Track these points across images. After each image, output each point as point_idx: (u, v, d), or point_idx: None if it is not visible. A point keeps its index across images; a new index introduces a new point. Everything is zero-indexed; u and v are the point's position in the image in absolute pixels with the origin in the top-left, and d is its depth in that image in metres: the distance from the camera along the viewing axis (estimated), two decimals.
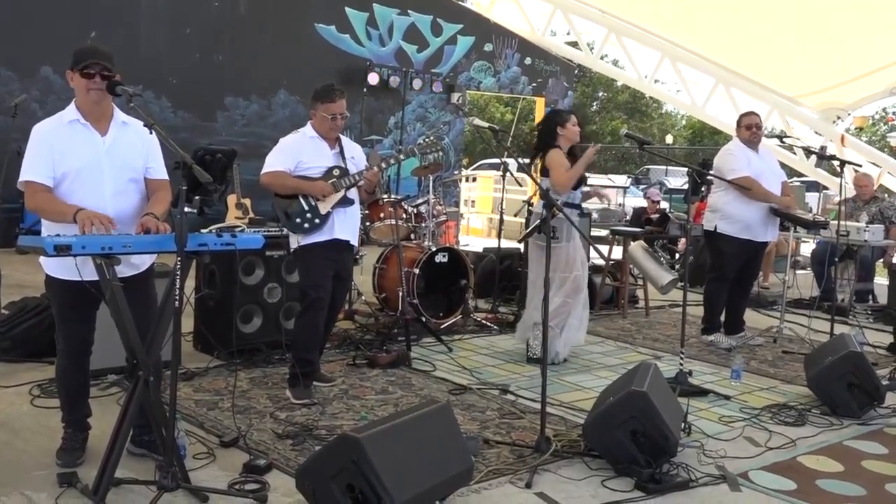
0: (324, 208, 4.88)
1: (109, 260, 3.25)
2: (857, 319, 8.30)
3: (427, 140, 5.48)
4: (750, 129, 6.85)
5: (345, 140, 5.10)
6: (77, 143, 3.55)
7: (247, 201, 10.08)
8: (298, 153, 4.88)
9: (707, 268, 7.29)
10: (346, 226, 4.96)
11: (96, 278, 3.32)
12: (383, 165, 5.14)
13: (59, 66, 7.89)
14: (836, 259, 7.83)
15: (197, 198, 6.77)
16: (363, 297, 7.52)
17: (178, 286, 3.21)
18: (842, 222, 7.42)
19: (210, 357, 5.59)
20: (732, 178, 6.55)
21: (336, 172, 4.92)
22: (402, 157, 5.44)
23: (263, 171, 4.88)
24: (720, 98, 14.01)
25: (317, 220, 4.86)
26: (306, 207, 4.86)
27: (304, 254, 4.90)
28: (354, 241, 5.07)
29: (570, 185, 5.87)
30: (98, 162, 3.56)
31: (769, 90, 13.53)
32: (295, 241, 4.92)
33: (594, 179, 6.26)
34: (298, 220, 4.86)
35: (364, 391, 5.14)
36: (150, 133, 3.34)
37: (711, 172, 6.38)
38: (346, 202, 4.94)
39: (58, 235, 3.21)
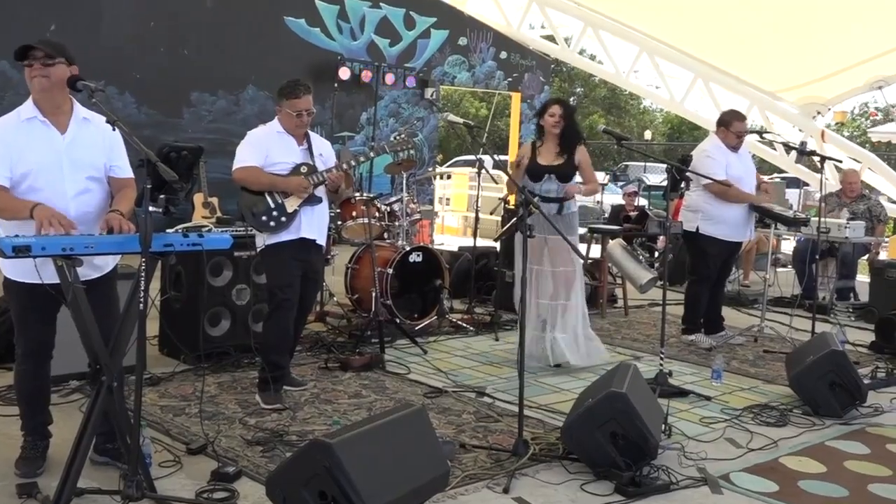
0: (290, 206, 4.85)
1: (71, 261, 3.21)
2: (839, 318, 8.39)
3: (399, 137, 5.48)
4: (740, 136, 6.87)
5: (314, 136, 5.08)
6: (35, 141, 3.50)
7: (214, 200, 10.01)
8: (267, 147, 4.87)
9: (688, 269, 7.33)
10: (313, 224, 4.94)
11: (57, 281, 3.28)
12: (353, 163, 5.13)
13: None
14: (817, 256, 7.90)
15: (162, 197, 6.67)
16: (335, 299, 7.50)
17: (142, 288, 3.18)
18: (823, 219, 7.49)
19: (176, 361, 5.55)
20: (707, 184, 6.59)
21: (303, 170, 4.90)
22: (371, 154, 5.44)
23: (235, 166, 4.85)
24: (699, 93, 14.09)
25: (283, 219, 4.83)
26: (272, 205, 4.84)
27: (271, 253, 4.88)
28: (322, 241, 5.06)
29: (511, 188, 5.88)
30: (57, 161, 3.51)
31: (748, 85, 13.63)
32: (261, 241, 4.90)
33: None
34: (264, 217, 4.83)
35: (336, 395, 5.12)
36: (114, 130, 3.31)
37: (690, 169, 6.41)
38: (313, 200, 4.93)
39: (16, 236, 3.17)
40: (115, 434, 3.57)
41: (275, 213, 4.84)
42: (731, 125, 6.87)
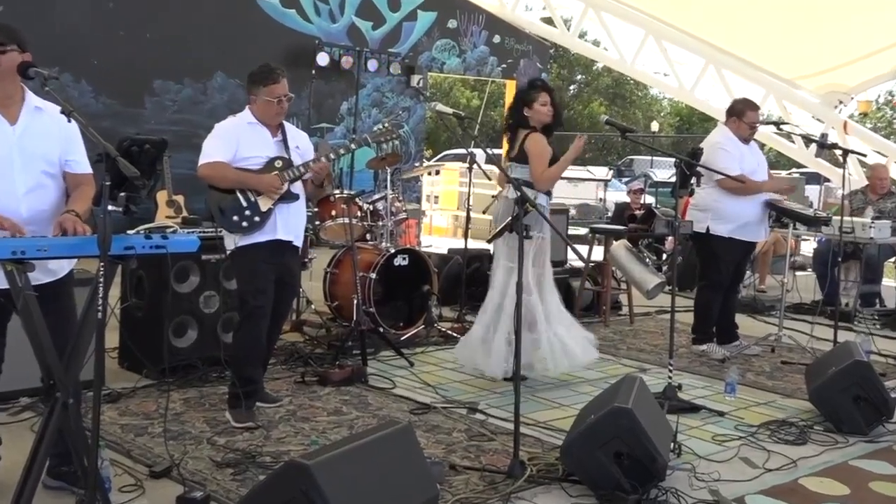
0: (264, 204, 4.85)
1: (22, 266, 3.19)
2: (863, 325, 8.42)
3: (382, 128, 5.48)
4: (753, 127, 6.90)
5: (288, 127, 5.08)
6: None
7: (179, 198, 10.00)
8: (237, 140, 4.86)
9: (698, 273, 7.35)
10: (289, 224, 4.94)
11: (6, 286, 3.26)
12: (332, 157, 5.13)
13: None
14: (840, 259, 7.93)
15: (122, 194, 6.66)
16: (313, 306, 7.49)
17: (100, 295, 3.17)
18: (846, 218, 7.52)
19: (138, 376, 5.54)
20: (720, 179, 6.60)
21: (278, 164, 4.90)
22: (353, 146, 5.43)
23: (201, 161, 4.85)
24: (710, 81, 14.14)
25: (256, 218, 4.83)
26: (244, 203, 4.83)
27: (242, 256, 4.87)
28: (299, 242, 5.06)
29: (551, 185, 5.87)
30: (7, 154, 3.50)
31: (764, 72, 13.68)
32: (231, 242, 4.89)
33: (569, 171, 6.24)
34: (235, 217, 4.82)
35: (314, 412, 5.12)
36: (69, 121, 3.29)
37: (701, 163, 6.42)
38: (289, 197, 4.92)
39: None
40: (70, 456, 3.55)
41: (247, 213, 4.83)
42: (745, 115, 6.89)
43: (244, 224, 4.83)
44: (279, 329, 5.36)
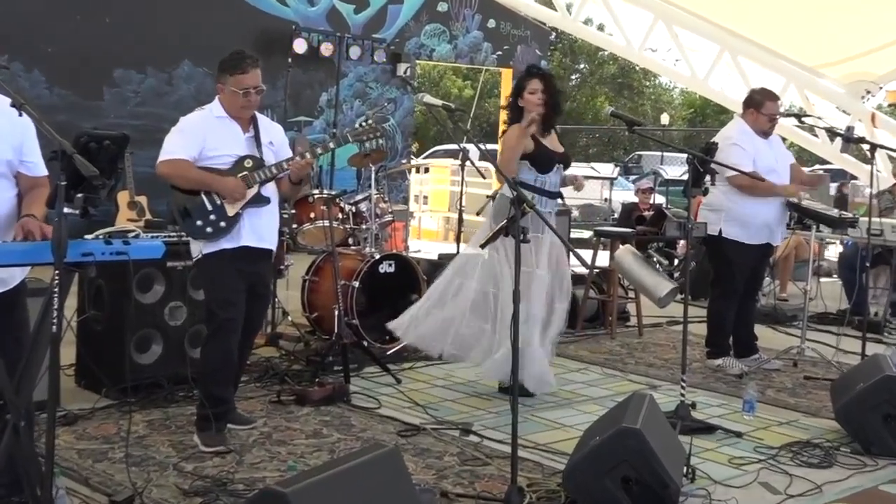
0: (232, 209, 4.83)
1: None
2: (894, 337, 8.45)
3: (365, 125, 5.44)
4: (773, 120, 6.91)
5: (262, 121, 5.07)
6: None
7: (142, 199, 9.98)
8: (203, 136, 4.84)
9: (711, 280, 7.36)
10: (260, 230, 4.94)
11: None
12: (308, 156, 5.07)
13: None
14: (868, 264, 7.95)
15: (79, 196, 6.66)
16: (289, 318, 7.48)
17: (55, 306, 3.16)
18: (874, 219, 7.54)
19: (97, 395, 5.52)
20: (732, 176, 6.60)
21: (248, 163, 4.88)
22: (331, 144, 5.41)
23: (161, 157, 4.84)
24: (726, 69, 14.17)
25: (222, 224, 4.82)
26: (209, 207, 4.82)
27: (210, 264, 4.86)
28: (272, 247, 5.07)
29: (506, 165, 5.84)
30: None
31: (784, 59, 13.71)
32: (197, 249, 4.88)
33: (571, 169, 6.25)
34: (199, 222, 4.81)
35: (292, 434, 5.11)
36: (20, 115, 3.28)
37: (716, 160, 6.43)
38: (259, 200, 4.91)
39: None
40: (21, 484, 3.54)
41: (212, 217, 4.82)
42: (763, 106, 6.91)
43: (209, 230, 4.81)
44: (251, 343, 5.35)
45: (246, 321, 4.96)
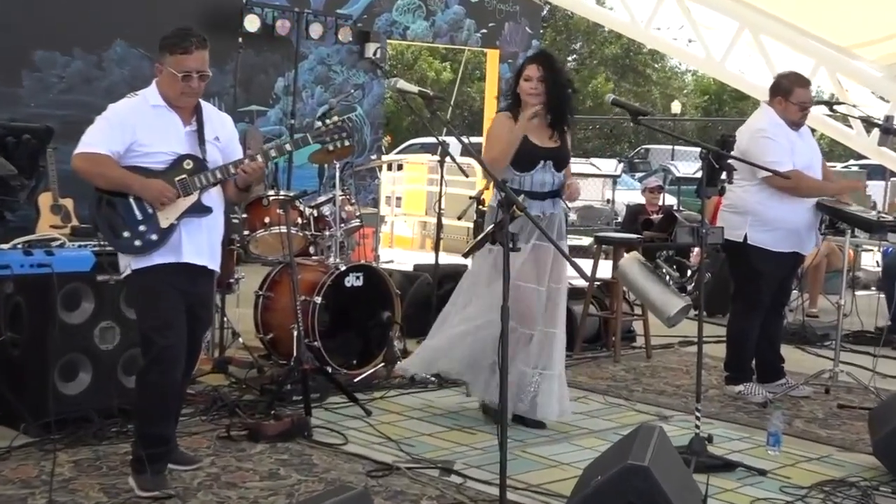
0: (165, 219, 4.78)
1: None
2: None
3: (329, 124, 5.38)
4: (804, 108, 6.94)
5: (207, 111, 5.00)
6: None
7: (68, 202, 9.92)
8: (133, 128, 4.76)
9: (731, 293, 7.38)
10: (199, 244, 4.90)
11: None
12: (259, 159, 5.02)
13: None
14: None
15: None
16: (240, 340, 7.46)
17: None
18: None
19: (15, 432, 5.47)
20: (766, 176, 6.62)
21: (188, 165, 4.83)
22: (288, 147, 5.36)
23: (78, 149, 4.75)
24: (746, 49, 14.23)
25: (153, 237, 4.76)
26: (139, 216, 4.76)
27: (141, 282, 4.81)
28: (214, 265, 5.03)
29: (501, 163, 5.90)
30: None
31: (813, 38, 13.79)
32: (126, 263, 4.84)
33: (571, 166, 6.29)
34: (126, 234, 4.75)
35: (244, 476, 5.10)
36: None
37: (734, 154, 6.45)
38: (199, 210, 4.86)
39: None
40: None
41: (142, 229, 4.75)
42: (792, 94, 6.94)
43: (137, 243, 4.74)
44: (192, 367, 5.33)
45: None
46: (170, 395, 4.94)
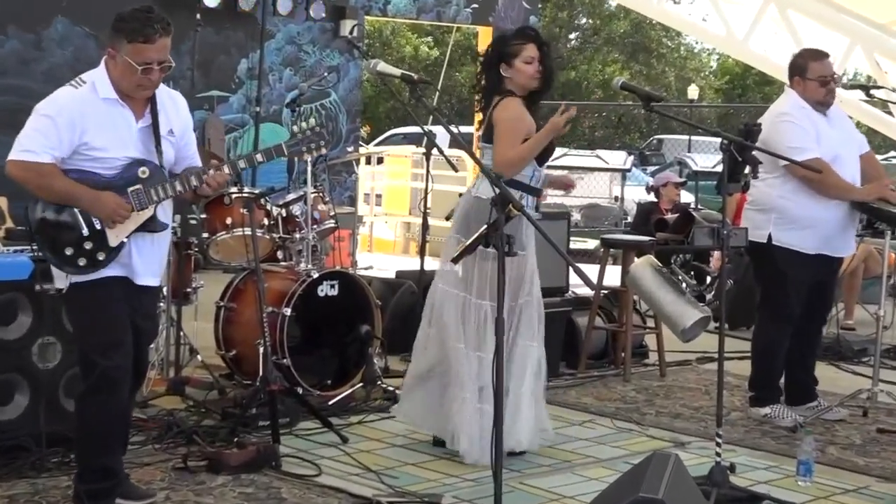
0: (115, 237, 4.75)
1: None
2: None
3: (306, 130, 5.35)
4: (826, 83, 6.94)
5: (160, 96, 4.93)
6: None
7: (1, 202, 9.91)
8: (80, 128, 4.69)
9: (758, 300, 7.39)
10: (151, 260, 4.92)
11: None
12: (225, 170, 4.97)
13: None
14: None
15: None
16: (199, 357, 7.45)
17: None
18: None
19: None
20: (788, 165, 6.63)
21: (143, 173, 4.79)
22: (259, 157, 5.29)
23: (14, 155, 4.64)
24: (772, 26, 14.28)
25: (100, 256, 4.74)
26: (85, 231, 4.71)
27: (82, 296, 4.80)
28: (157, 280, 5.06)
29: (518, 168, 5.89)
30: None
31: (848, 14, 13.84)
32: (63, 276, 4.81)
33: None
34: (69, 251, 4.72)
35: None
36: None
37: (759, 146, 6.47)
38: (154, 227, 4.85)
39: None
40: None
41: (87, 246, 4.72)
42: (808, 69, 6.93)
43: (81, 262, 4.71)
44: (138, 388, 5.34)
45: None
46: (115, 421, 4.92)
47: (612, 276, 8.68)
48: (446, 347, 5.99)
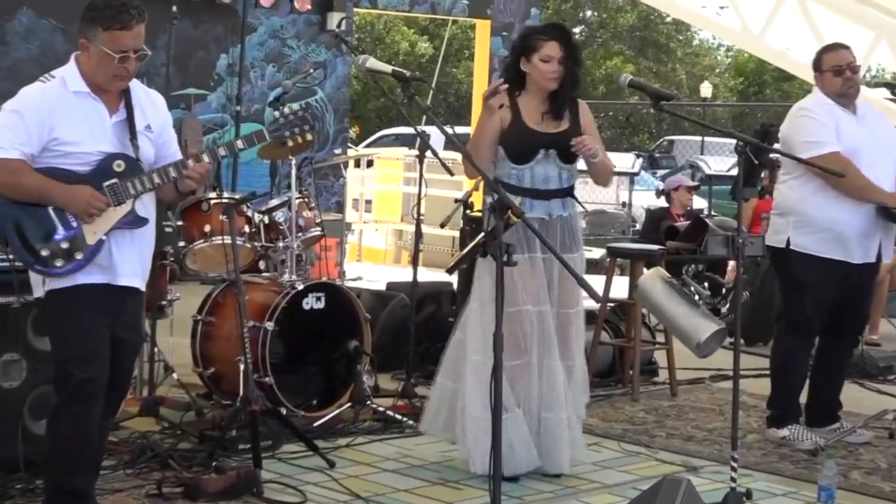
0: (93, 234, 4.77)
1: None
2: None
3: (290, 115, 5.37)
4: (840, 72, 6.95)
5: (135, 91, 4.96)
6: None
7: None
8: (50, 123, 4.72)
9: (776, 312, 7.38)
10: (132, 261, 4.91)
11: None
12: (205, 159, 5.01)
13: None
14: None
15: None
16: (175, 375, 7.45)
17: None
18: None
19: None
20: (811, 157, 6.64)
21: (119, 167, 4.81)
22: (240, 144, 5.32)
23: None
24: (790, 20, 14.30)
25: (78, 255, 4.75)
26: (61, 230, 4.73)
27: (58, 305, 4.81)
28: (142, 283, 5.04)
29: (480, 161, 5.82)
30: None
31: (872, 5, 13.87)
32: (40, 284, 4.83)
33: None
34: (45, 252, 4.73)
35: None
36: None
37: (777, 147, 6.47)
38: (133, 221, 4.87)
39: None
40: None
41: (64, 246, 4.74)
42: (822, 62, 6.97)
43: (58, 263, 4.72)
44: (116, 408, 5.34)
45: (108, 381, 4.92)
46: (88, 440, 4.91)
47: (619, 287, 8.67)
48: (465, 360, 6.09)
